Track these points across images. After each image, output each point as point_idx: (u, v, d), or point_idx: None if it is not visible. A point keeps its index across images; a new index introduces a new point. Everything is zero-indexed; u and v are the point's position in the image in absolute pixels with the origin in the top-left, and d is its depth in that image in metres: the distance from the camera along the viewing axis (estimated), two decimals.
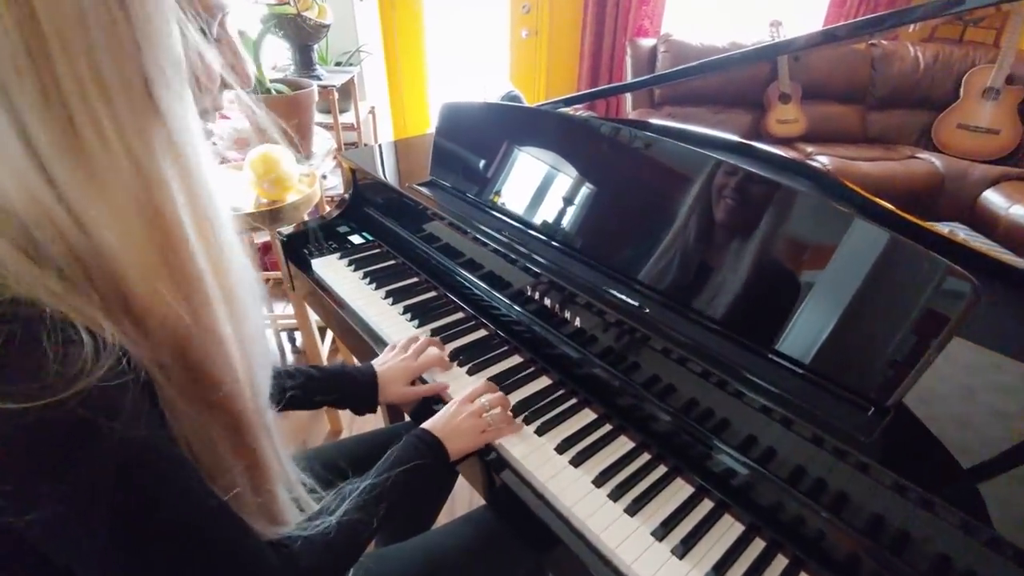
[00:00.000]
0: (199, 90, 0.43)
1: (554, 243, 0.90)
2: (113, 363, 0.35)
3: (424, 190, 1.11)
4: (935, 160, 2.59)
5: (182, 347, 0.40)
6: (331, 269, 1.16)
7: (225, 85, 0.47)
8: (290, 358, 2.03)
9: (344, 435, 1.71)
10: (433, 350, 0.87)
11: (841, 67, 2.79)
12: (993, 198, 2.39)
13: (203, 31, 0.42)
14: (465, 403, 0.74)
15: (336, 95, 1.95)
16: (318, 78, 1.95)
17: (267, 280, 2.02)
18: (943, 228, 1.39)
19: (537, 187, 0.95)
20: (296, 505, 0.55)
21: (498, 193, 1.01)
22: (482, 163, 1.05)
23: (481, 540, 0.76)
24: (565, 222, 0.90)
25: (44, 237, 0.35)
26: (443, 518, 1.03)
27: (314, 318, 1.61)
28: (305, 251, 1.22)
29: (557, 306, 0.85)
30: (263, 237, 1.97)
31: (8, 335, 0.32)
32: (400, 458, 0.63)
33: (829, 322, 0.61)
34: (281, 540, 0.49)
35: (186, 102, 0.40)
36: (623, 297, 0.77)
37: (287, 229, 1.29)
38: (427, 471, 0.65)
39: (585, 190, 0.89)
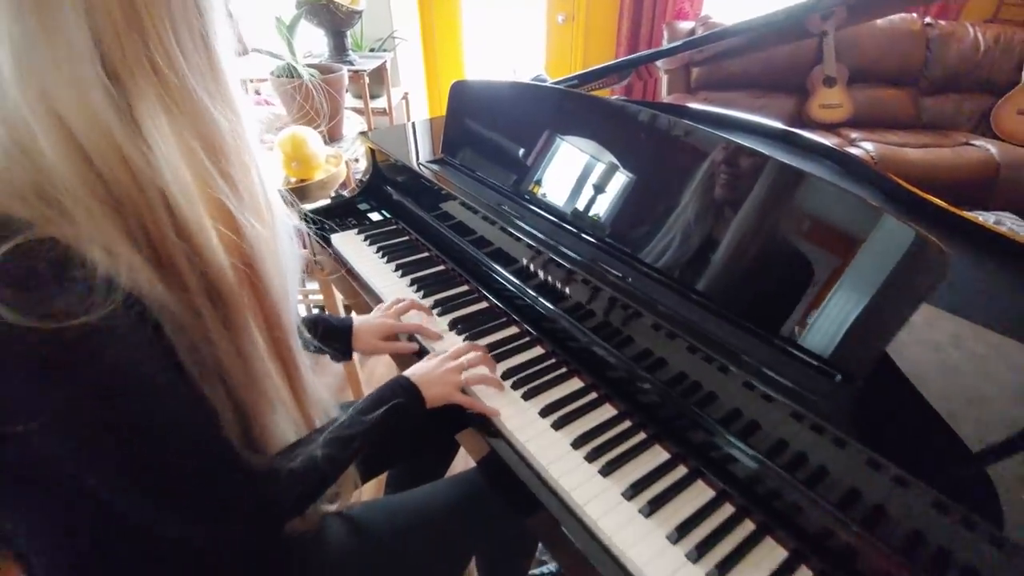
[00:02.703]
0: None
1: (556, 219, 0.92)
2: (120, 301, 0.40)
3: (435, 167, 1.14)
4: (991, 147, 2.44)
5: (234, 250, 0.48)
6: (349, 244, 1.22)
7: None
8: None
9: None
10: (415, 313, 0.92)
11: (893, 48, 2.66)
12: None
13: None
14: (447, 359, 0.77)
15: (367, 80, 2.01)
16: (350, 63, 2.02)
17: None
18: (988, 217, 1.32)
19: (541, 163, 0.97)
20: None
21: (504, 170, 1.04)
22: (489, 140, 1.08)
23: (467, 500, 0.79)
24: (566, 197, 0.92)
25: (107, 169, 0.41)
26: None
27: (340, 298, 1.68)
28: (326, 226, 1.28)
29: (556, 281, 0.88)
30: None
31: (26, 271, 0.37)
32: (377, 399, 0.67)
33: (801, 292, 0.61)
34: (264, 465, 0.54)
35: (232, 54, 0.48)
36: (614, 271, 0.79)
37: (311, 206, 1.35)
38: (402, 412, 0.68)
39: (583, 164, 0.90)
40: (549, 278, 0.89)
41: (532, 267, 0.92)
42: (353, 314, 1.01)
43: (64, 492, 0.47)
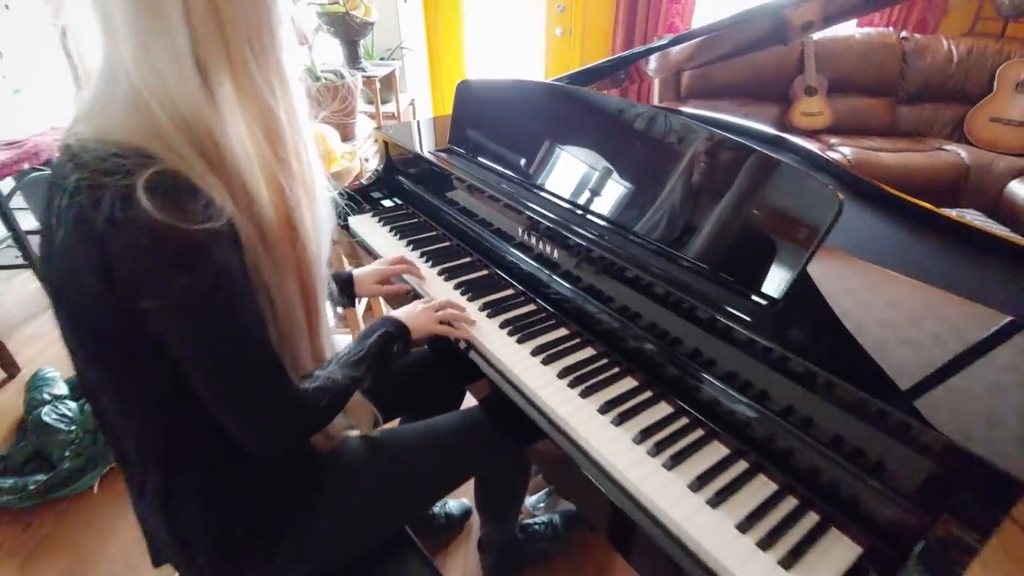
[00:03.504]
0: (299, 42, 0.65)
1: (548, 196, 1.07)
2: (224, 221, 0.54)
3: (442, 155, 1.30)
4: (961, 152, 2.60)
5: (280, 216, 0.61)
6: (365, 225, 1.37)
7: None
8: (331, 321, 2.26)
9: None
10: (402, 265, 1.10)
11: (870, 60, 2.83)
12: (1018, 189, 2.39)
13: None
14: (424, 303, 0.95)
15: (378, 85, 2.17)
16: (363, 70, 2.18)
17: None
18: (952, 212, 1.49)
19: (536, 150, 1.12)
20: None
21: (503, 156, 1.19)
22: (490, 131, 1.23)
23: (470, 425, 0.94)
24: (557, 178, 1.07)
25: (196, 134, 0.55)
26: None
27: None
28: (343, 210, 1.43)
29: (551, 250, 1.02)
30: None
31: (170, 187, 0.52)
32: (370, 332, 0.82)
33: (737, 234, 0.76)
34: (298, 385, 0.68)
35: (292, 51, 0.62)
36: (591, 233, 0.93)
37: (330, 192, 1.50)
38: (391, 339, 0.83)
39: (573, 150, 1.05)
40: (544, 248, 1.03)
41: (529, 240, 1.06)
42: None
43: (160, 371, 0.59)
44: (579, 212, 1.00)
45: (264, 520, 0.72)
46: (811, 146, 1.37)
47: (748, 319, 0.70)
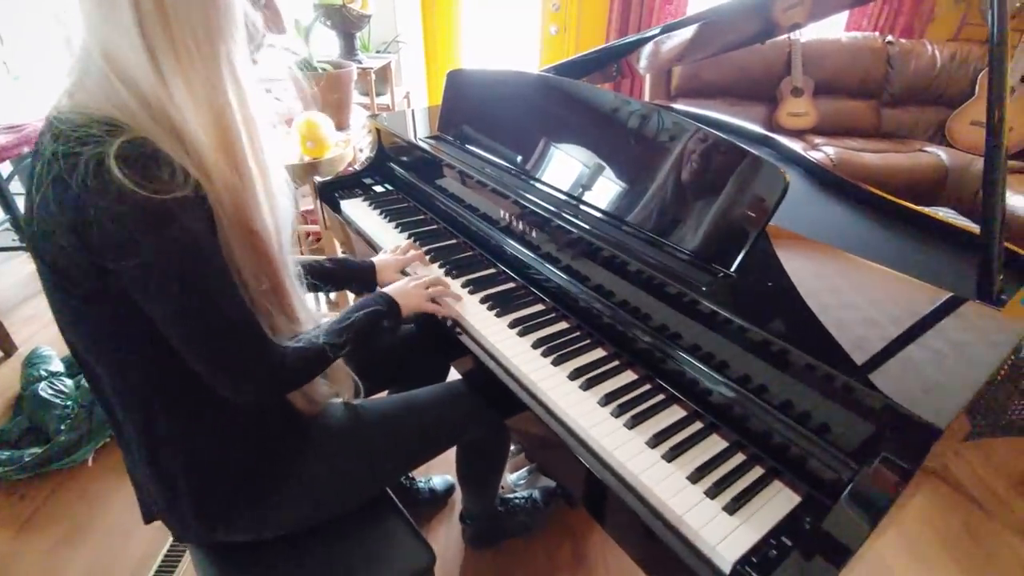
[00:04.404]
0: (250, 38, 0.68)
1: (529, 178, 1.12)
2: (192, 189, 0.59)
3: (431, 142, 1.35)
4: (941, 153, 2.67)
5: (233, 196, 0.65)
6: (356, 208, 1.42)
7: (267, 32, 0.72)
8: (324, 307, 2.31)
9: None
10: (413, 251, 1.13)
11: (856, 63, 2.89)
12: None
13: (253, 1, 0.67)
14: (415, 280, 0.99)
15: (373, 77, 2.22)
16: (359, 62, 2.23)
17: (307, 235, 2.30)
18: (930, 209, 1.54)
19: (520, 138, 1.17)
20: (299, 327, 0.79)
21: (489, 143, 1.24)
22: (478, 119, 1.28)
23: (450, 395, 0.99)
24: (538, 164, 1.12)
25: (158, 113, 0.59)
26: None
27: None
28: (336, 195, 1.48)
29: (531, 230, 1.07)
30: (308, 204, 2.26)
31: (143, 154, 0.57)
32: (360, 306, 0.87)
33: (694, 211, 0.82)
34: (277, 343, 0.72)
35: (243, 46, 0.65)
36: (569, 217, 0.99)
37: (323, 178, 1.55)
38: (380, 315, 0.88)
39: (549, 134, 1.11)
40: (522, 228, 1.09)
41: (508, 221, 1.12)
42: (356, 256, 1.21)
43: (135, 326, 0.63)
44: (554, 194, 1.05)
45: (247, 472, 0.77)
46: (795, 145, 1.42)
47: (704, 289, 0.75)
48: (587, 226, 0.94)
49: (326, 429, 0.86)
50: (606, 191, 0.98)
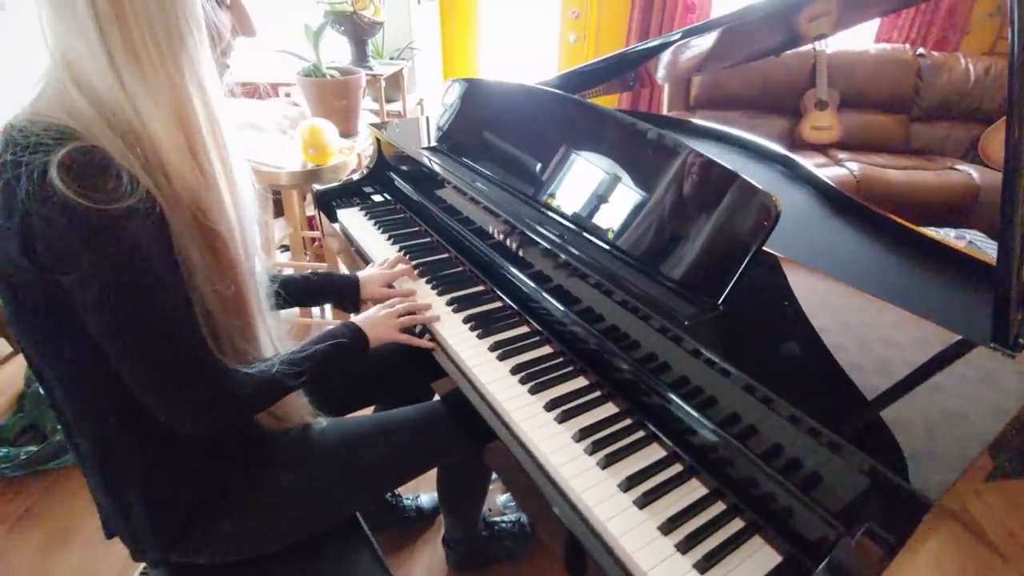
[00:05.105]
0: (214, 40, 0.66)
1: (518, 196, 1.09)
2: (140, 198, 0.57)
3: (428, 154, 1.32)
4: (973, 172, 2.55)
5: (193, 196, 0.62)
6: (351, 217, 1.40)
7: (235, 35, 0.70)
8: (328, 314, 2.30)
9: None
10: (401, 265, 1.10)
11: (884, 76, 2.79)
12: None
13: (217, 1, 0.65)
14: (386, 308, 0.95)
15: (383, 84, 2.21)
16: (369, 68, 2.22)
17: (313, 240, 2.30)
18: (950, 232, 1.46)
19: (517, 154, 1.14)
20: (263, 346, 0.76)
21: (485, 158, 1.20)
22: (476, 130, 1.25)
23: (426, 419, 0.95)
24: (532, 182, 1.08)
25: (115, 117, 0.58)
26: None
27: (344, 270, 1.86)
28: (333, 203, 1.46)
29: (521, 249, 1.03)
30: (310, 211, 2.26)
31: (89, 162, 0.54)
32: (324, 336, 0.83)
33: (683, 240, 0.77)
34: (227, 366, 0.68)
35: (206, 48, 0.63)
36: (553, 234, 0.94)
37: (323, 186, 1.54)
38: (345, 347, 0.84)
39: (546, 151, 1.06)
40: (516, 249, 1.04)
41: (505, 241, 1.07)
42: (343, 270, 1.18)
43: (83, 343, 0.61)
44: (543, 212, 1.01)
45: (206, 492, 0.74)
46: (815, 162, 1.35)
47: (687, 323, 0.70)
48: (574, 249, 0.89)
49: (291, 449, 0.83)
50: (597, 213, 0.93)
